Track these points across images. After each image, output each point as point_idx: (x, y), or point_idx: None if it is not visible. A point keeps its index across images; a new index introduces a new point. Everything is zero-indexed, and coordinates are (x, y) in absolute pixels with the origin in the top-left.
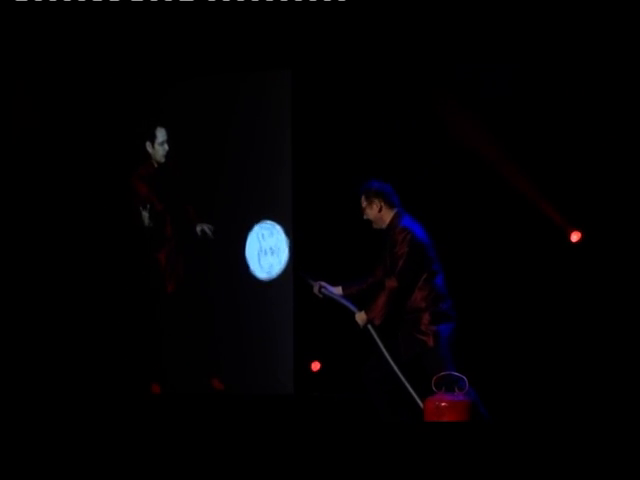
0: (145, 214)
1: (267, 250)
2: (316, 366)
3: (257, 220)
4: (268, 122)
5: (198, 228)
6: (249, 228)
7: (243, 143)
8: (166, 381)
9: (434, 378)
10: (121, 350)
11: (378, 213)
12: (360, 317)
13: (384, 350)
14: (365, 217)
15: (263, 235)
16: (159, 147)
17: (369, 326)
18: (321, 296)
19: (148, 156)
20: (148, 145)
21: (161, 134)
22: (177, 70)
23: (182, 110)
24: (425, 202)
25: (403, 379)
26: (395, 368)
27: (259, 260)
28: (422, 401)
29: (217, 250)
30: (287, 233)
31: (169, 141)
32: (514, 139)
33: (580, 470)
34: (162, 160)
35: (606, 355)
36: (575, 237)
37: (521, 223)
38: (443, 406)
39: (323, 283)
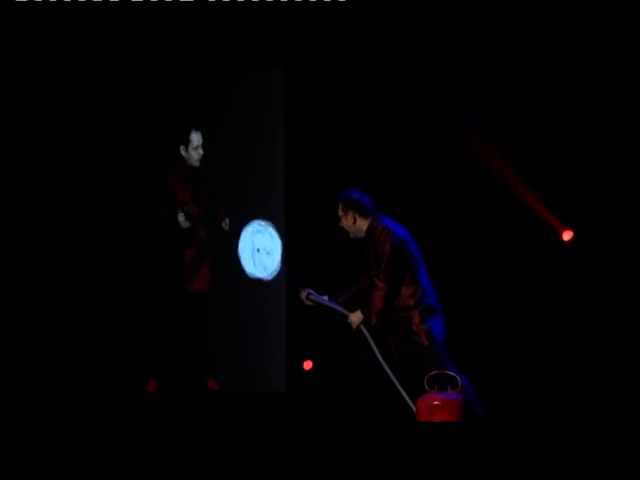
0: (181, 215)
1: (261, 250)
2: (308, 365)
3: (249, 219)
4: (261, 121)
5: (222, 224)
6: (241, 227)
7: (235, 142)
8: (161, 379)
9: (426, 377)
10: (121, 346)
11: (353, 225)
12: (356, 316)
13: (376, 350)
14: (340, 225)
15: (256, 234)
16: (193, 151)
17: (362, 326)
18: (308, 302)
19: (182, 159)
20: (182, 149)
21: (196, 138)
22: (169, 70)
23: (176, 109)
24: (417, 201)
25: (395, 380)
26: (387, 369)
27: (253, 260)
28: (414, 402)
29: (210, 249)
30: (280, 233)
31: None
32: (506, 137)
33: (576, 470)
34: (196, 164)
35: (599, 353)
36: (567, 236)
37: (513, 222)
38: (436, 405)
39: (310, 290)
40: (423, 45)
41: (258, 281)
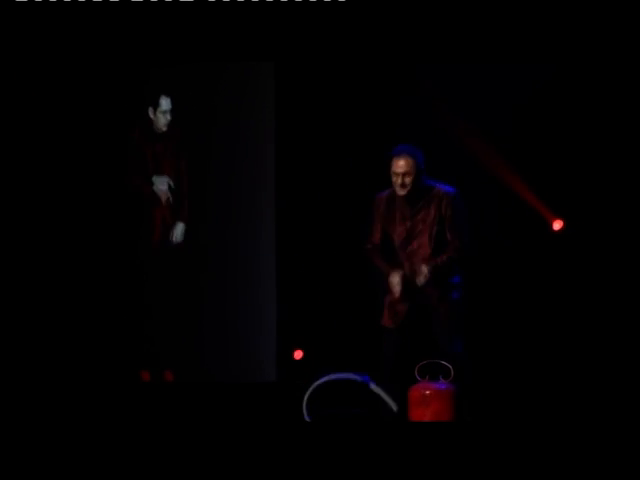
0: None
1: None
2: (299, 354)
3: (238, 213)
4: (251, 115)
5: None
6: (231, 218)
7: (225, 136)
8: (152, 368)
9: (417, 366)
10: (111, 334)
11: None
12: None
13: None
14: (403, 182)
15: None
16: (160, 115)
17: None
18: None
19: (150, 122)
20: (150, 111)
21: (165, 103)
22: (160, 63)
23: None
24: None
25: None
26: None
27: None
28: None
29: (200, 238)
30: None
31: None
32: (495, 128)
33: (572, 468)
34: (163, 129)
35: (590, 343)
36: (557, 225)
37: (503, 211)
38: (428, 394)
39: None
40: (415, 42)
41: (248, 269)
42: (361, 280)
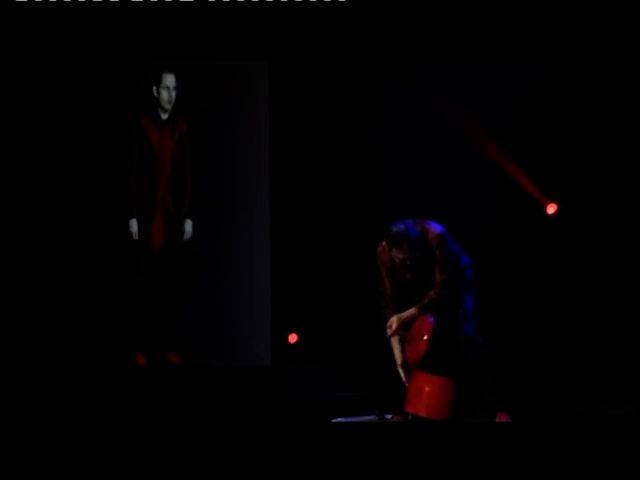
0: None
1: None
2: (293, 338)
3: (233, 213)
4: (245, 114)
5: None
6: (226, 207)
7: (221, 134)
8: (145, 352)
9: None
10: (105, 318)
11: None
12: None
13: None
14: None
15: None
16: (163, 91)
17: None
18: None
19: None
20: (154, 89)
21: (168, 79)
22: (156, 58)
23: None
24: (403, 183)
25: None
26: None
27: None
28: None
29: (195, 227)
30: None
31: None
32: (490, 113)
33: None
34: (167, 107)
35: (583, 328)
36: (551, 209)
37: (497, 195)
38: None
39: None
40: (409, 42)
41: (242, 255)
42: (355, 264)
